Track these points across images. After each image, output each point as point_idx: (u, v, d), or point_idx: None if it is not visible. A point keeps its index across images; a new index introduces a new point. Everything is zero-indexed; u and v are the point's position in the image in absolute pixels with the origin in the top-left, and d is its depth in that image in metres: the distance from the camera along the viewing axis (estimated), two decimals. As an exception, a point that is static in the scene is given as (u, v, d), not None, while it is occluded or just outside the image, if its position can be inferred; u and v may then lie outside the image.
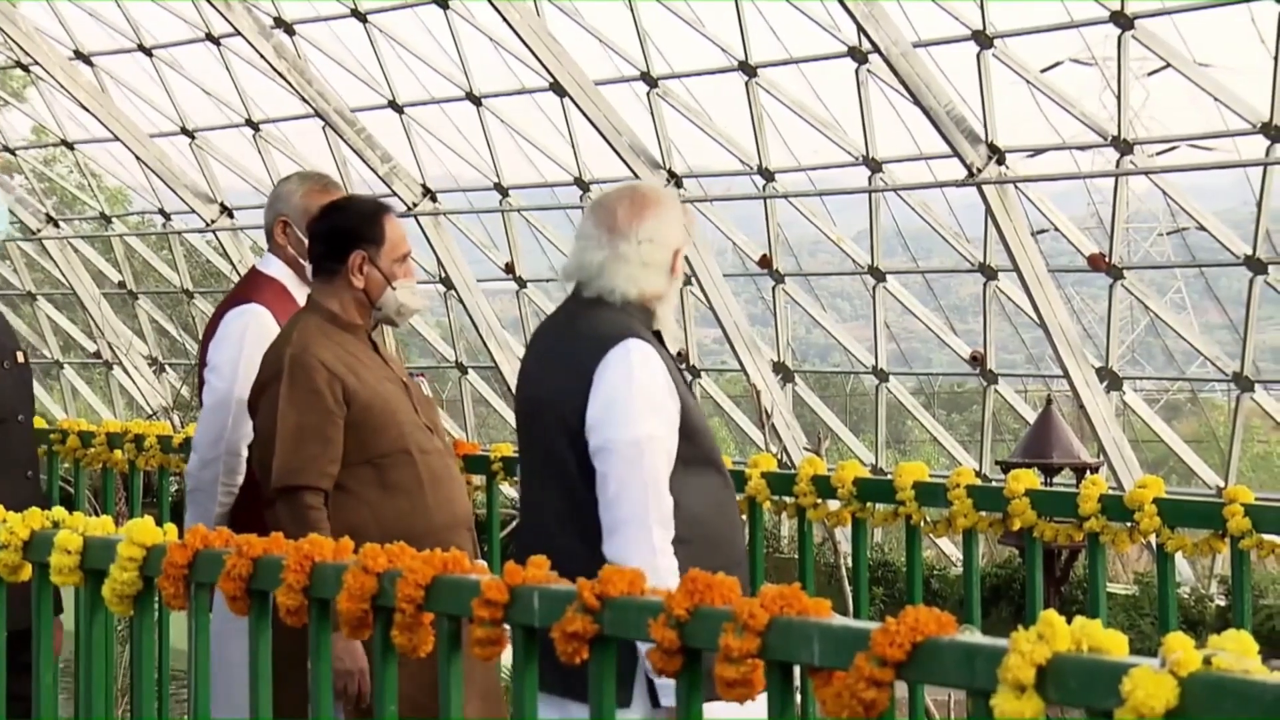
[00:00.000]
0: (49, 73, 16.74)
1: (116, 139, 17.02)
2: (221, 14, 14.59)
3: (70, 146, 18.71)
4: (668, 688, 2.14)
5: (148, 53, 16.18)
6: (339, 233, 3.94)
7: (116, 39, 16.33)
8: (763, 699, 2.11)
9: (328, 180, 4.54)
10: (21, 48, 16.69)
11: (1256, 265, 11.70)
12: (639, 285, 3.50)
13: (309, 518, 3.65)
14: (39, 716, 2.92)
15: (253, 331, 4.15)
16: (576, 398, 3.40)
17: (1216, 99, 11.21)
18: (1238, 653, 1.69)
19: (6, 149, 19.85)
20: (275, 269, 4.34)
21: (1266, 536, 3.93)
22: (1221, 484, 12.40)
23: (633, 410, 3.37)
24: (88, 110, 16.91)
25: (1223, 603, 12.72)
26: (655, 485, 3.36)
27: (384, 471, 3.80)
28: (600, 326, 3.47)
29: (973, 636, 1.90)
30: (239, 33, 14.67)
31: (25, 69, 17.59)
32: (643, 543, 3.32)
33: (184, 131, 16.77)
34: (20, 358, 4.18)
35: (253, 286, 4.37)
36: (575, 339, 3.49)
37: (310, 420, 3.72)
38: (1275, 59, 10.49)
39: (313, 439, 3.72)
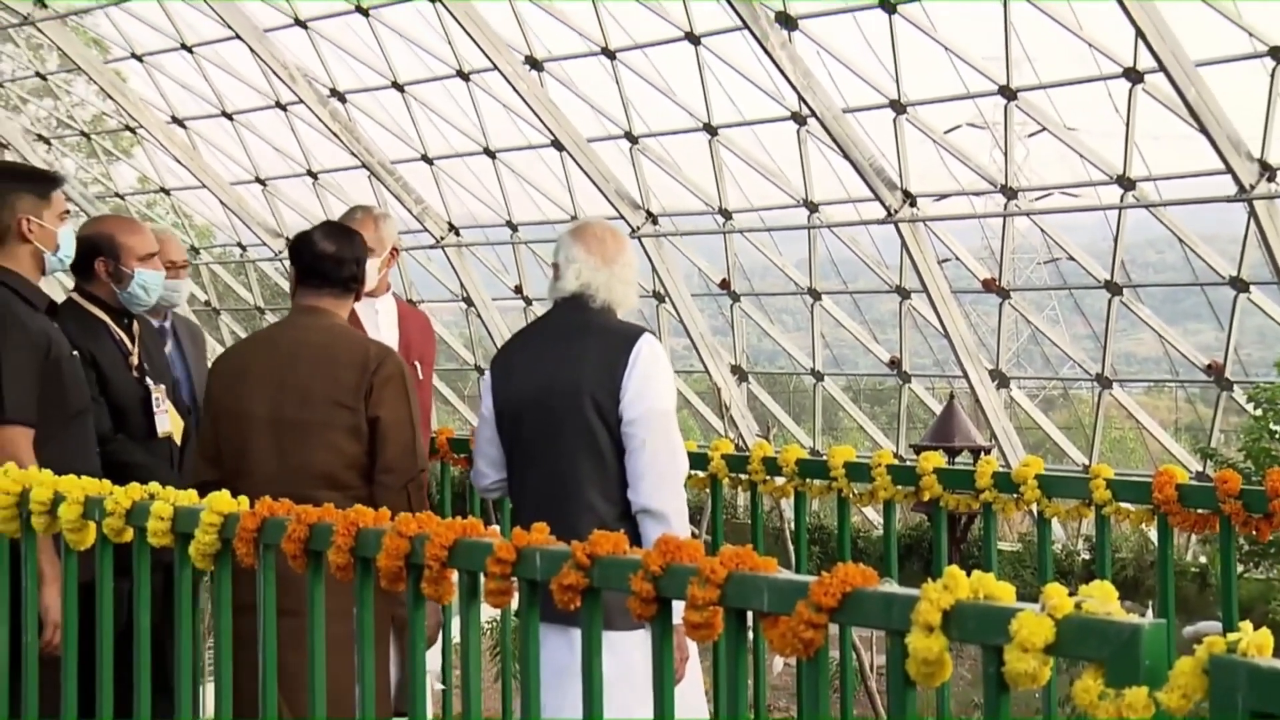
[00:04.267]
0: (151, 134, 16.70)
1: (204, 186, 16.98)
2: (288, 86, 14.57)
3: (167, 193, 18.65)
4: (676, 608, 2.12)
5: (229, 117, 16.13)
6: (363, 256, 3.72)
7: (205, 106, 16.30)
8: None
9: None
10: (130, 114, 16.64)
11: (1114, 288, 11.75)
12: (629, 298, 3.58)
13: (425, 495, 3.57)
14: (140, 654, 2.89)
15: None
16: (610, 381, 3.40)
17: (1082, 155, 11.26)
18: (1102, 598, 1.68)
19: (117, 195, 19.76)
20: None
21: (1122, 504, 3.93)
22: (1087, 462, 12.43)
23: (662, 388, 3.43)
24: (181, 163, 16.87)
25: (1087, 557, 12.76)
26: (681, 448, 3.43)
27: None
28: (618, 326, 3.53)
29: (891, 587, 1.89)
30: (302, 101, 14.64)
31: (133, 131, 17.54)
32: (677, 494, 3.40)
33: (257, 180, 16.73)
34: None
35: None
36: (599, 336, 3.48)
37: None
38: (1126, 124, 10.53)
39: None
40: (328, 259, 3.64)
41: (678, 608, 2.07)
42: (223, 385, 3.60)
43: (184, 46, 15.34)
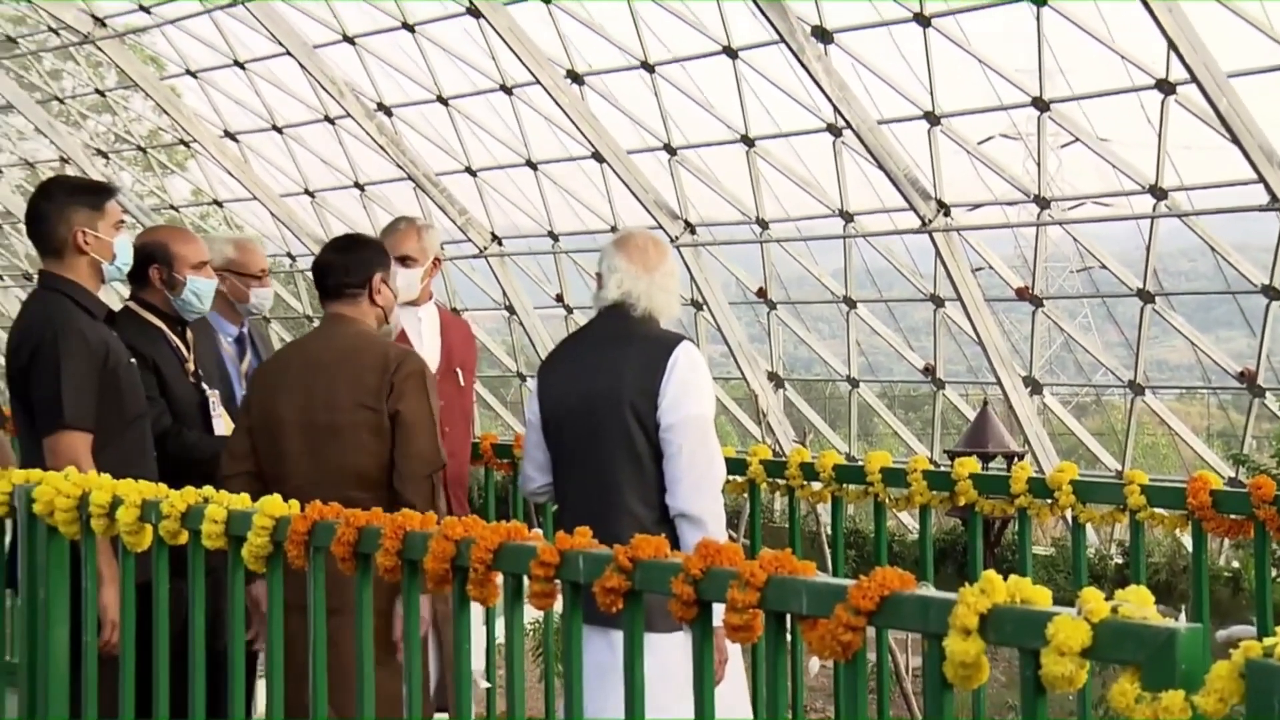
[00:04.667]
0: (204, 147, 16.84)
1: (255, 198, 17.11)
2: (336, 100, 14.66)
3: (220, 204, 18.80)
4: (717, 611, 2.11)
5: (279, 131, 16.25)
6: (364, 261, 3.71)
7: (256, 121, 16.43)
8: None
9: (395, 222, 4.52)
10: (184, 129, 16.79)
11: (1146, 296, 11.63)
12: (671, 307, 3.57)
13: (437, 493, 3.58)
14: (193, 648, 2.91)
15: None
16: (649, 387, 3.39)
17: (1114, 166, 11.16)
18: (1138, 603, 1.67)
19: (172, 207, 19.95)
20: None
21: (1157, 510, 3.89)
22: (1120, 468, 12.31)
23: (700, 395, 3.41)
24: (233, 176, 17.00)
25: (1120, 561, 12.62)
26: (718, 453, 3.42)
27: None
28: (658, 334, 3.51)
29: (928, 590, 1.87)
30: (350, 115, 14.73)
31: (186, 144, 17.70)
32: (715, 499, 3.38)
33: (306, 192, 16.84)
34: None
35: None
36: (640, 343, 3.47)
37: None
38: (1159, 136, 10.44)
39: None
40: (324, 268, 3.73)
41: (717, 610, 2.07)
42: (260, 392, 3.67)
43: (236, 63, 15.47)
